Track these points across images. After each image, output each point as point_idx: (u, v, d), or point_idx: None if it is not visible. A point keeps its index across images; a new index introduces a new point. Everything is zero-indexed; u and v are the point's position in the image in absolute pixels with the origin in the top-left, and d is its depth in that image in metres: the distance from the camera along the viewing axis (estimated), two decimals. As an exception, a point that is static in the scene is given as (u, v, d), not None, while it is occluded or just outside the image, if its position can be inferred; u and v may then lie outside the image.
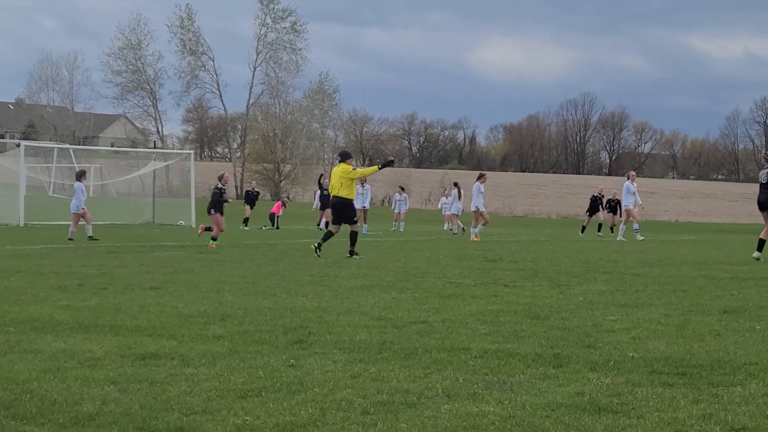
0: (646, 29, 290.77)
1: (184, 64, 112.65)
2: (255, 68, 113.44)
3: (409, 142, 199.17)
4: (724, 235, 46.13)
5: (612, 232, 43.35)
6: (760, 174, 25.97)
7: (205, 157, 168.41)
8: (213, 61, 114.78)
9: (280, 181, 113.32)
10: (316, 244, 23.25)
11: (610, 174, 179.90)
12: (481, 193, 36.25)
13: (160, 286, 15.00)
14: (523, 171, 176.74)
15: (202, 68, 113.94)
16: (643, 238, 37.25)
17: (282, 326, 10.63)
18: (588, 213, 45.18)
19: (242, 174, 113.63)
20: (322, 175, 48.66)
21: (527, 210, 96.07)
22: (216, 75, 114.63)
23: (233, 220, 54.15)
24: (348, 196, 23.78)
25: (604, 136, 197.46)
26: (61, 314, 11.53)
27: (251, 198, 51.84)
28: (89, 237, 31.27)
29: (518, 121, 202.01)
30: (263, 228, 48.14)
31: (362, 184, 42.77)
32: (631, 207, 38.33)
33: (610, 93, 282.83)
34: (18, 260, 20.53)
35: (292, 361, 8.50)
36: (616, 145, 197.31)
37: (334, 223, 24.26)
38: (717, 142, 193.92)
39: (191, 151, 59.23)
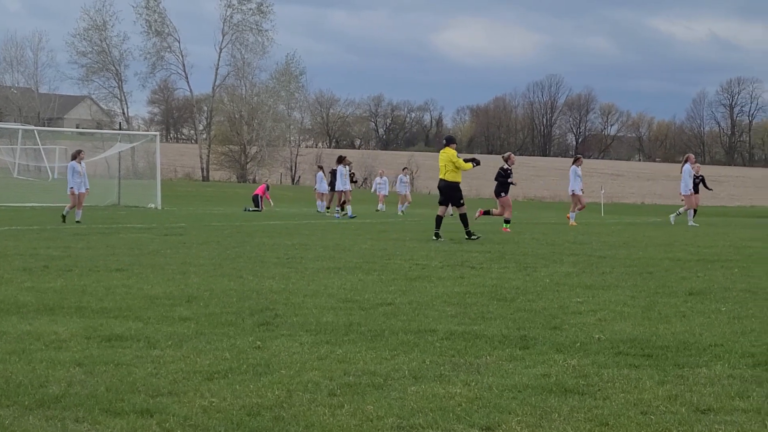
0: (611, 11, 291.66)
1: (149, 45, 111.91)
2: (221, 50, 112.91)
3: (376, 124, 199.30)
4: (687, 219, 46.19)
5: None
6: None
7: (170, 138, 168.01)
8: (179, 42, 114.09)
9: (246, 163, 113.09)
10: (434, 236, 23.53)
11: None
12: (579, 176, 35.47)
13: (126, 268, 14.93)
14: (489, 153, 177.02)
15: (168, 49, 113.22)
16: (696, 224, 36.17)
17: (248, 308, 10.61)
18: None
19: (208, 156, 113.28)
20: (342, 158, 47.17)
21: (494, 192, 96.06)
22: (182, 56, 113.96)
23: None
24: (454, 180, 24.01)
25: (571, 119, 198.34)
26: (26, 296, 11.46)
27: (332, 179, 45.29)
28: (62, 215, 31.19)
29: (485, 103, 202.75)
30: (247, 209, 47.75)
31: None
32: (690, 192, 37.18)
33: (577, 75, 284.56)
34: (-18, 242, 20.38)
35: (258, 342, 8.49)
36: (583, 128, 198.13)
37: (441, 204, 24.50)
38: (683, 125, 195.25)
39: (157, 133, 58.79)
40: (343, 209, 41.11)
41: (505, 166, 29.86)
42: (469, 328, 9.32)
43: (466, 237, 23.33)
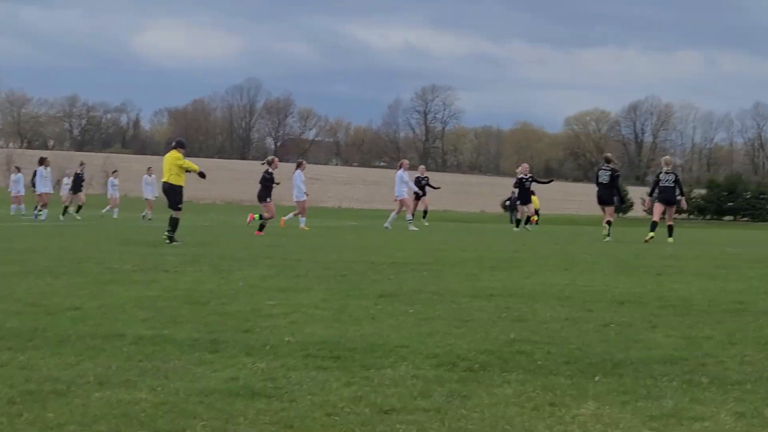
0: (308, 17, 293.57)
1: None
2: None
3: (71, 125, 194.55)
4: (385, 221, 47.32)
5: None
6: (598, 174, 28.61)
7: None
8: None
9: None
10: (166, 235, 23.15)
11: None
12: (302, 181, 35.14)
13: None
14: (188, 156, 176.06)
15: None
16: (416, 229, 36.76)
17: (-74, 314, 10.12)
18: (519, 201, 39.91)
19: None
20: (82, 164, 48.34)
21: (192, 195, 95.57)
22: None
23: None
24: (177, 183, 23.81)
25: (270, 122, 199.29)
26: None
27: (79, 183, 47.73)
28: None
29: (183, 105, 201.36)
30: None
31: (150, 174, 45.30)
32: (405, 196, 37.76)
33: (276, 79, 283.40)
34: None
35: (-66, 350, 8.10)
36: (282, 132, 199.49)
37: (169, 207, 24.04)
38: (379, 130, 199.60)
39: None
40: (40, 211, 40.23)
41: (270, 170, 29.90)
42: (159, 332, 9.18)
43: (167, 240, 22.99)
